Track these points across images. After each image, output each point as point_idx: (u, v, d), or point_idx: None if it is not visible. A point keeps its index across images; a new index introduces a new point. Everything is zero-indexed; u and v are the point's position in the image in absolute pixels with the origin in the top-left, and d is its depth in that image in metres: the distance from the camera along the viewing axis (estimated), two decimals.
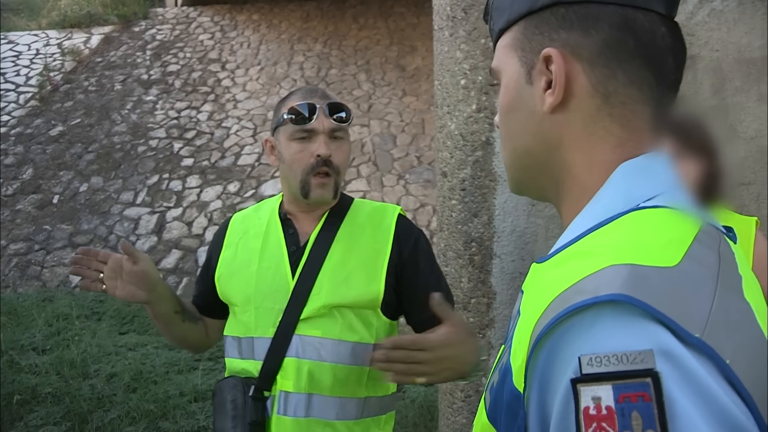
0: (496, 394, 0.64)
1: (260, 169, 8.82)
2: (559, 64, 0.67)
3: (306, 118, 1.52)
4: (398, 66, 10.88)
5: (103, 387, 4.37)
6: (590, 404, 0.49)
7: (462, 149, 2.31)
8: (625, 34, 0.66)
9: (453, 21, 2.33)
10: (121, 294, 1.52)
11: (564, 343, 0.53)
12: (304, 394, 1.48)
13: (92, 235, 7.84)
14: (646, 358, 0.48)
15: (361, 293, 1.52)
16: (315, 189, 1.53)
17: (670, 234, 0.59)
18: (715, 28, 2.28)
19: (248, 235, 1.64)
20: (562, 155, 0.70)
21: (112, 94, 10.22)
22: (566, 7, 0.68)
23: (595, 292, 0.53)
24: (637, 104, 0.68)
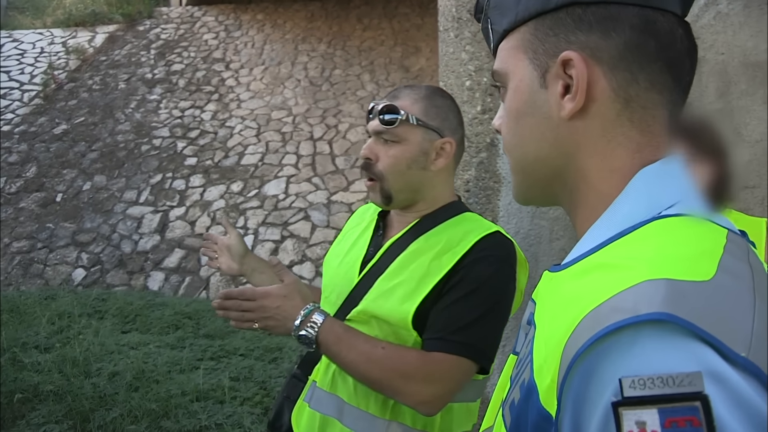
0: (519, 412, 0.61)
1: (263, 168, 8.82)
2: (580, 68, 0.64)
3: (368, 120, 1.52)
4: (402, 67, 10.87)
5: (105, 386, 4.36)
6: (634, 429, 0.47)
7: (466, 150, 2.31)
8: (646, 36, 0.64)
9: (458, 22, 2.33)
10: (223, 267, 1.80)
11: (601, 365, 0.50)
12: (327, 392, 1.49)
13: (95, 233, 7.84)
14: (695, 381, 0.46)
15: (393, 310, 1.40)
16: (369, 192, 1.52)
17: (700, 245, 0.56)
18: (720, 31, 2.28)
19: (357, 227, 1.67)
20: (579, 162, 0.68)
21: (116, 93, 10.24)
22: (583, 7, 0.65)
23: (634, 311, 0.50)
24: (657, 108, 0.66)
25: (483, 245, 1.41)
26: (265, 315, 1.38)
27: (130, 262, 7.55)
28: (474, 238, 1.42)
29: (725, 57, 2.29)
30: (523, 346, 0.68)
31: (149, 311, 6.12)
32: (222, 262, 1.79)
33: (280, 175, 8.75)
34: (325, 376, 1.50)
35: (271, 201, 8.24)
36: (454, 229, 1.46)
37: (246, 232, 7.85)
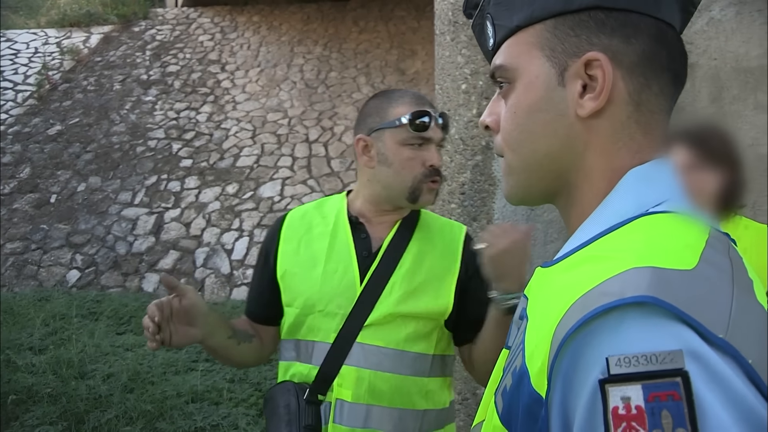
0: (511, 398, 0.64)
1: (259, 170, 8.83)
2: (607, 69, 0.66)
3: (425, 126, 1.51)
4: (398, 69, 10.90)
5: (100, 387, 4.36)
6: (619, 404, 0.50)
7: (462, 153, 2.33)
8: (660, 46, 0.68)
9: (455, 26, 2.35)
10: (177, 340, 1.41)
11: (589, 345, 0.53)
12: (363, 405, 1.46)
13: (90, 235, 7.84)
14: (676, 358, 0.49)
15: (431, 305, 1.51)
16: (425, 195, 1.53)
17: (683, 238, 0.60)
18: (713, 37, 2.30)
19: (312, 233, 1.60)
20: (585, 161, 0.70)
21: (111, 94, 10.23)
22: (606, 12, 0.67)
23: (620, 294, 0.53)
24: (661, 114, 0.69)
25: (468, 241, 1.62)
26: None
27: (124, 264, 7.54)
28: (460, 239, 1.61)
29: (718, 62, 2.32)
30: (515, 338, 0.71)
31: (144, 313, 6.04)
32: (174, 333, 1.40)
33: (276, 177, 8.75)
34: (358, 389, 1.45)
35: (266, 203, 8.25)
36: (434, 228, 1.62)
37: (241, 234, 7.86)
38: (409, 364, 1.49)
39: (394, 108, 1.54)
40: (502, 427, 0.67)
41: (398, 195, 1.54)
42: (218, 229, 7.97)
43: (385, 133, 1.54)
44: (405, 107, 1.53)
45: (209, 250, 7.69)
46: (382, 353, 1.48)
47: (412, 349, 1.49)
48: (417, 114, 1.50)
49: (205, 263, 7.55)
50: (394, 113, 1.53)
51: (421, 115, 1.50)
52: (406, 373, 1.48)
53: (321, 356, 1.49)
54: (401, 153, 1.52)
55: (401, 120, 1.51)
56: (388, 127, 1.53)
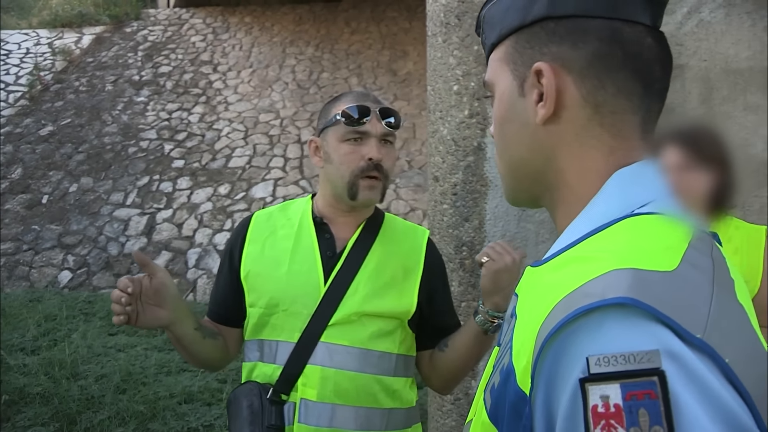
0: (498, 395, 0.65)
1: (251, 171, 8.82)
2: (549, 78, 0.69)
3: (359, 120, 1.52)
4: (390, 70, 10.91)
5: (93, 388, 4.35)
6: (598, 402, 0.51)
7: (454, 154, 2.34)
8: (613, 46, 0.69)
9: (446, 27, 2.36)
10: (144, 320, 1.38)
11: (571, 345, 0.55)
12: (328, 404, 1.46)
13: (81, 235, 7.81)
14: (653, 358, 0.50)
15: (395, 304, 1.53)
16: (363, 191, 1.53)
17: (666, 239, 0.61)
18: (703, 38, 2.33)
19: (276, 235, 1.61)
20: (556, 164, 0.72)
21: (103, 95, 10.20)
22: (555, 21, 0.70)
23: (601, 295, 0.54)
24: (627, 114, 0.70)
25: (432, 250, 1.66)
26: None
27: (116, 265, 7.52)
28: (423, 243, 1.65)
29: (708, 64, 2.34)
30: (504, 336, 0.72)
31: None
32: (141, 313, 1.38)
33: (268, 177, 8.75)
34: (323, 388, 1.46)
35: (258, 203, 8.24)
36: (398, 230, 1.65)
37: None
38: (373, 363, 1.50)
39: (335, 106, 1.58)
40: (489, 424, 0.68)
41: (342, 192, 1.56)
42: (210, 230, 7.96)
43: (328, 132, 1.58)
44: (343, 104, 1.56)
45: (201, 250, 7.68)
46: (346, 352, 1.48)
47: (377, 348, 1.51)
48: (351, 108, 1.53)
49: (198, 264, 7.54)
50: (333, 111, 1.57)
51: (355, 109, 1.52)
52: (371, 372, 1.49)
53: (285, 356, 1.49)
54: (340, 149, 1.55)
55: (337, 116, 1.54)
56: (329, 125, 1.57)
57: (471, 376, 2.37)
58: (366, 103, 1.55)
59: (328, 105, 1.63)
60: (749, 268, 1.85)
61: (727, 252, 2.06)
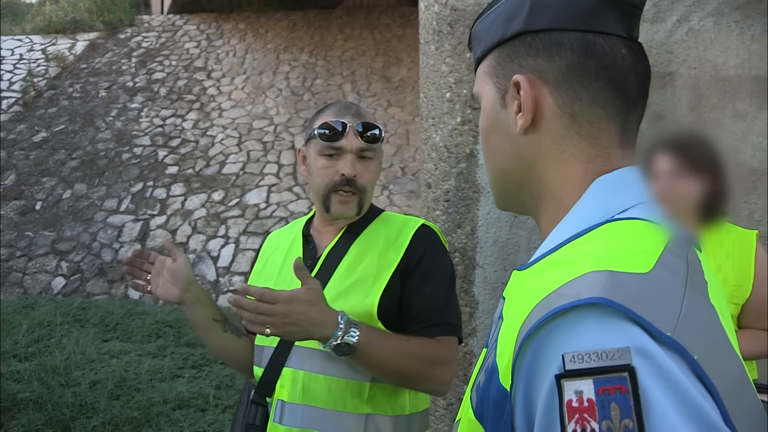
0: (483, 393, 0.68)
1: (245, 177, 8.83)
2: (525, 89, 0.72)
3: (335, 136, 1.54)
4: (383, 77, 10.95)
5: (86, 394, 4.35)
6: (573, 397, 0.53)
7: (446, 161, 2.36)
8: (586, 57, 0.72)
9: (439, 35, 2.38)
10: (160, 292, 1.58)
11: (548, 343, 0.57)
12: (298, 405, 1.49)
13: (75, 242, 7.80)
14: (624, 355, 0.53)
15: (357, 305, 1.51)
16: (335, 205, 1.56)
17: (643, 243, 0.64)
18: (692, 46, 2.35)
19: (277, 250, 1.68)
20: (538, 172, 0.75)
21: (97, 101, 10.21)
22: (533, 35, 0.73)
23: (577, 295, 0.57)
24: (603, 122, 0.73)
25: (420, 237, 1.58)
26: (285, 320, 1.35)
27: (110, 271, 7.52)
28: (409, 233, 1.58)
29: (697, 71, 2.37)
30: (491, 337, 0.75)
31: (130, 320, 6.11)
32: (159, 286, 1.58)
33: (262, 184, 8.76)
34: (293, 390, 1.50)
35: (252, 210, 8.25)
36: (385, 227, 1.62)
37: (227, 241, 7.85)
38: (345, 367, 1.48)
39: (318, 119, 1.61)
40: (476, 422, 0.70)
41: (318, 203, 1.60)
42: (204, 236, 7.96)
43: (310, 144, 1.61)
44: (324, 117, 1.59)
45: (195, 257, 7.68)
46: (315, 355, 1.50)
47: None
48: (324, 125, 1.55)
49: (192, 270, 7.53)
50: (315, 124, 1.60)
51: (328, 125, 1.54)
52: (342, 377, 1.49)
53: (267, 359, 1.56)
54: (318, 162, 1.57)
55: (316, 131, 1.57)
56: (311, 137, 1.60)
57: (463, 381, 2.38)
58: (345, 117, 1.56)
59: (315, 116, 1.65)
60: (740, 272, 1.88)
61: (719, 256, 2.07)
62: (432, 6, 2.41)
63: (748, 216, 2.34)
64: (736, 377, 0.61)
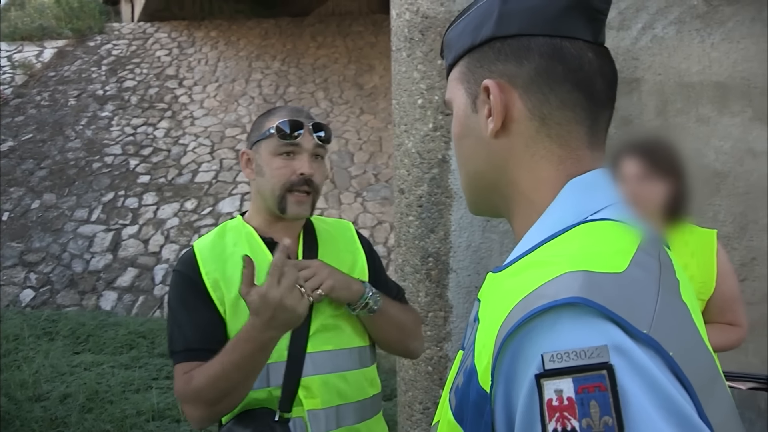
0: (462, 395, 0.69)
1: (218, 186, 8.78)
2: (495, 94, 0.74)
3: (292, 135, 1.55)
4: (356, 84, 10.97)
5: (57, 408, 4.28)
6: (553, 396, 0.54)
7: (419, 167, 2.38)
8: (554, 61, 0.73)
9: (410, 42, 2.40)
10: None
11: (527, 343, 0.58)
12: (332, 408, 1.51)
13: (44, 253, 7.69)
14: (602, 353, 0.54)
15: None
16: (293, 205, 1.55)
17: (617, 243, 0.65)
18: (657, 53, 2.41)
19: (231, 262, 1.55)
20: (510, 175, 0.76)
21: (66, 110, 10.08)
22: (502, 41, 0.75)
23: (554, 296, 0.58)
24: (572, 124, 0.74)
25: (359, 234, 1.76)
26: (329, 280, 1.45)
27: (81, 282, 7.42)
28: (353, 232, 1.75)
29: (662, 77, 2.42)
30: (467, 339, 0.76)
31: (102, 331, 6.03)
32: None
33: (235, 192, 8.72)
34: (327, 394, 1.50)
35: (225, 218, 8.20)
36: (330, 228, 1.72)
37: None
38: (357, 359, 1.58)
39: (268, 120, 1.61)
40: (455, 424, 0.71)
41: (272, 205, 1.58)
42: (177, 246, 7.90)
43: (261, 145, 1.59)
44: (276, 118, 1.59)
45: (168, 266, 7.61)
46: (335, 356, 1.54)
47: (357, 345, 1.59)
48: (284, 123, 1.55)
49: (164, 280, 7.47)
50: (266, 125, 1.59)
51: (288, 123, 1.55)
52: (358, 367, 1.58)
53: (278, 376, 1.48)
54: (272, 163, 1.57)
55: (270, 130, 1.57)
56: (262, 138, 1.59)
57: (438, 385, 2.40)
58: (299, 117, 1.58)
59: (261, 118, 1.65)
60: (704, 270, 1.94)
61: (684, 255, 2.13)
62: (403, 14, 2.43)
63: (713, 217, 2.40)
64: (708, 371, 0.63)
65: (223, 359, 1.38)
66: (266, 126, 1.59)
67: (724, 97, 2.39)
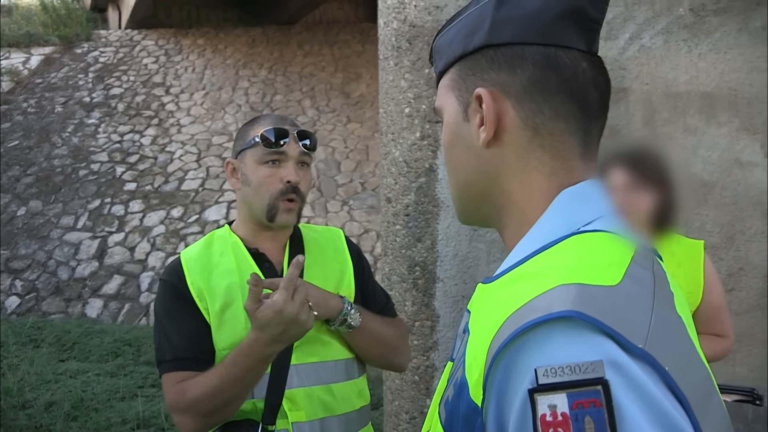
0: (452, 408, 0.67)
1: (204, 194, 8.75)
2: (488, 103, 0.72)
3: (277, 143, 1.53)
4: (343, 93, 10.98)
5: (42, 416, 4.24)
6: (547, 411, 0.53)
7: (406, 176, 2.38)
8: (547, 71, 0.72)
9: (398, 51, 2.41)
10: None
11: (520, 357, 0.57)
12: (317, 420, 1.49)
13: (30, 260, 7.62)
14: (597, 368, 0.53)
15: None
16: (281, 214, 1.54)
17: (610, 255, 0.64)
18: (644, 63, 2.42)
19: (216, 273, 1.54)
20: (501, 185, 0.75)
21: (53, 117, 10.02)
22: (494, 49, 0.73)
23: (548, 309, 0.56)
24: (565, 135, 0.73)
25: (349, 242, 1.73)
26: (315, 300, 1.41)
27: (67, 289, 7.35)
28: (342, 240, 1.72)
29: (649, 87, 2.44)
30: (457, 351, 0.75)
31: (88, 339, 5.97)
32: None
33: (221, 200, 8.69)
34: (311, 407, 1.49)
35: (212, 226, 8.16)
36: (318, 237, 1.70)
37: None
38: (343, 371, 1.56)
39: (252, 129, 1.59)
40: None
41: (260, 214, 1.56)
42: (163, 253, 7.85)
43: (246, 154, 1.58)
44: (261, 127, 1.57)
45: (154, 274, 7.57)
46: (320, 368, 1.53)
47: (342, 357, 1.57)
48: (269, 131, 1.54)
49: (150, 288, 7.42)
50: (251, 134, 1.58)
51: (273, 131, 1.54)
52: (344, 379, 1.56)
53: (262, 388, 1.47)
54: (259, 171, 1.55)
55: (255, 138, 1.55)
56: (247, 147, 1.58)
57: (425, 394, 2.39)
58: (284, 125, 1.57)
59: (246, 127, 1.63)
60: (691, 280, 1.94)
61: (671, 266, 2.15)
62: (391, 22, 2.43)
63: (700, 227, 2.41)
64: (703, 385, 0.62)
65: (221, 372, 1.38)
66: (251, 135, 1.58)
67: (712, 107, 2.40)
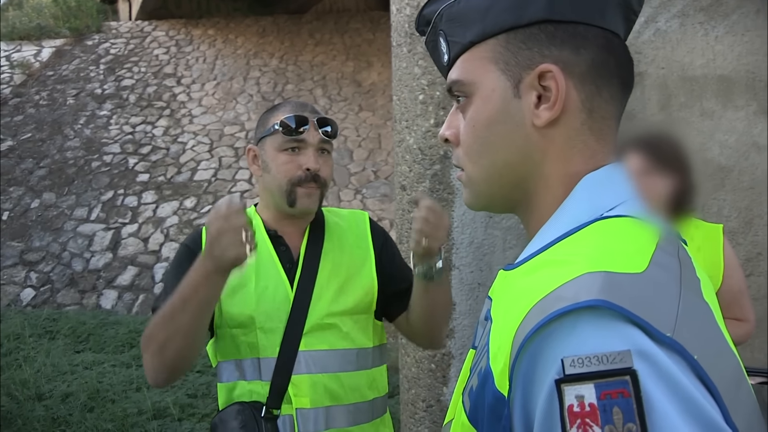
0: (477, 397, 0.67)
1: (217, 184, 8.77)
2: (560, 80, 0.69)
3: (297, 130, 1.54)
4: (354, 81, 10.95)
5: (58, 407, 4.27)
6: (574, 402, 0.52)
7: (420, 163, 2.36)
8: (609, 54, 0.71)
9: (411, 38, 2.39)
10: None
11: (546, 347, 0.56)
12: (322, 408, 1.49)
13: (44, 252, 7.68)
14: (625, 358, 0.52)
15: (359, 298, 1.57)
16: (301, 198, 1.55)
17: (635, 242, 0.63)
18: (660, 47, 2.39)
19: None
20: (543, 168, 0.72)
21: (65, 109, 10.06)
22: (555, 25, 0.70)
23: (574, 298, 0.56)
24: (611, 119, 0.73)
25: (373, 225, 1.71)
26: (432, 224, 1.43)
27: (81, 281, 7.40)
28: (366, 224, 1.70)
29: (665, 71, 2.40)
30: (480, 339, 0.74)
31: (103, 330, 6.02)
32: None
33: (234, 190, 8.70)
34: (315, 394, 1.48)
35: None
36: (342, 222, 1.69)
37: None
38: (354, 361, 1.55)
39: (273, 116, 1.60)
40: (469, 426, 0.69)
41: (280, 200, 1.57)
42: (177, 244, 7.88)
43: (266, 141, 1.59)
44: (281, 114, 1.58)
45: (168, 264, 7.60)
46: (328, 356, 1.52)
47: (354, 346, 1.56)
48: (288, 119, 1.54)
49: None
50: (272, 121, 1.59)
51: (293, 119, 1.54)
52: (354, 370, 1.55)
53: (270, 371, 1.49)
54: (278, 158, 1.56)
55: (275, 126, 1.56)
56: (267, 134, 1.59)
57: (442, 382, 2.39)
58: (304, 113, 1.57)
59: (266, 114, 1.64)
60: (711, 265, 1.93)
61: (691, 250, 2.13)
62: (404, 9, 2.41)
63: (717, 212, 2.38)
64: (733, 373, 0.61)
65: (173, 297, 1.35)
66: (271, 122, 1.58)
67: (729, 91, 2.37)
